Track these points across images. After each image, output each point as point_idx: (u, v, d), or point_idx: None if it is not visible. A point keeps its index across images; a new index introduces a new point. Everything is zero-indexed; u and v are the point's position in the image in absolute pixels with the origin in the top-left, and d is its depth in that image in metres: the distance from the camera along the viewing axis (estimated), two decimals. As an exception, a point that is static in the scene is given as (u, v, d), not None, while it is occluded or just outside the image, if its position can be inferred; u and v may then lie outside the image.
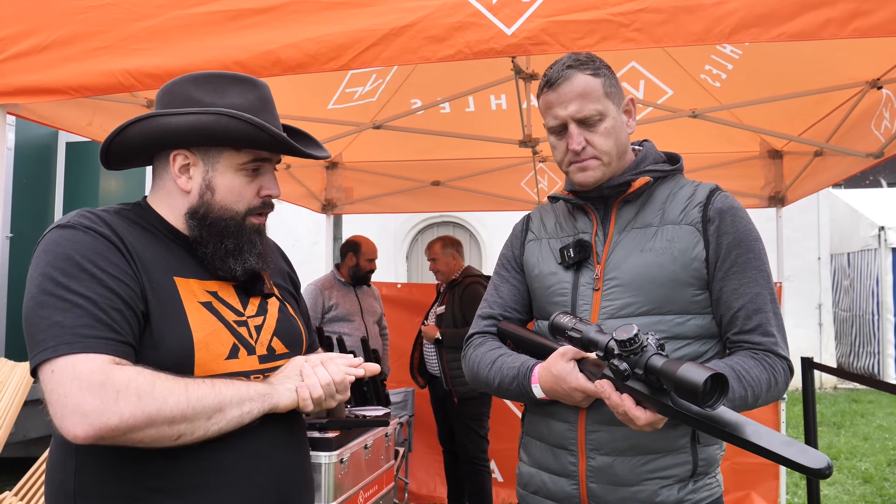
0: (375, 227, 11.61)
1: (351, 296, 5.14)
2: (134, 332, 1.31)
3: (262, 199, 1.52)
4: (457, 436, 4.87)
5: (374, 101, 4.41)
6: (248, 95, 1.48)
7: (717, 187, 1.74)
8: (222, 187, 1.47)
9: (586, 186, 1.75)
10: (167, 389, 1.25)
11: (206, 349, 1.37)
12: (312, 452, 2.86)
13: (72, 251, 1.31)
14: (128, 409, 1.21)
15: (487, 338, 1.88)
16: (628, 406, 1.44)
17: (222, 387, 1.32)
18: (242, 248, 1.48)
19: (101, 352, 1.24)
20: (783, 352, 1.63)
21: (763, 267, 1.66)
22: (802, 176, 4.69)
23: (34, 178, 5.77)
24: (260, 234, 1.53)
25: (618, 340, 1.39)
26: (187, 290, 1.42)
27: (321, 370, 1.43)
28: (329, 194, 5.62)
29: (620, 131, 1.72)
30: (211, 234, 1.47)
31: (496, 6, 2.04)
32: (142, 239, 1.43)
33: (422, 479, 5.57)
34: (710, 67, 3.94)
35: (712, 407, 1.29)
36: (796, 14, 1.93)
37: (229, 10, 2.19)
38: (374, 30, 2.11)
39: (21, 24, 2.32)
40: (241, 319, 1.48)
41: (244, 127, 1.41)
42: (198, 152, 1.46)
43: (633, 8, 1.97)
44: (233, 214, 1.48)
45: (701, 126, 4.21)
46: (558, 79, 1.70)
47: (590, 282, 1.72)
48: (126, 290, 1.31)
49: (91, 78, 2.29)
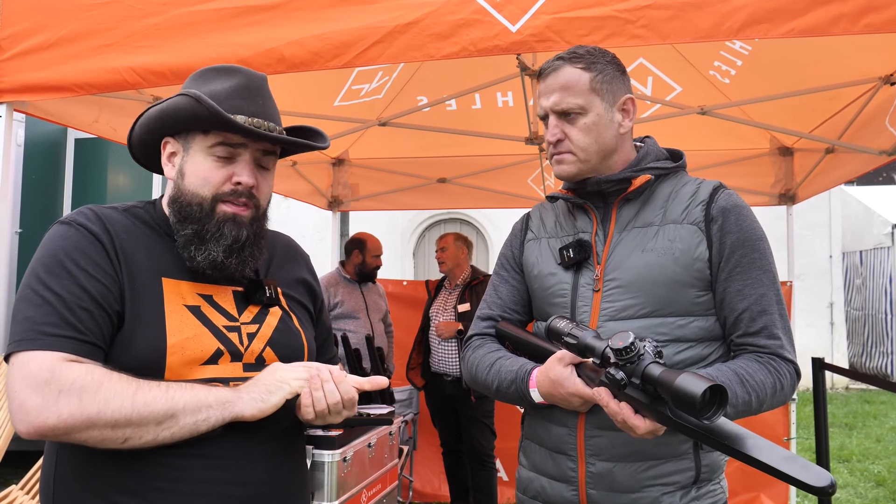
0: (383, 223, 11.61)
1: (356, 293, 5.13)
2: (103, 331, 1.31)
3: (232, 185, 1.45)
4: (466, 434, 4.85)
5: (380, 97, 4.40)
6: (229, 82, 1.46)
7: (720, 185, 1.70)
8: (190, 171, 1.44)
9: (563, 179, 1.74)
10: (113, 392, 1.24)
11: (179, 353, 1.35)
12: (315, 451, 2.86)
13: (58, 248, 1.34)
14: (67, 409, 1.21)
15: (486, 339, 1.85)
16: (627, 415, 1.41)
17: (177, 392, 1.29)
18: (205, 236, 1.42)
19: (57, 349, 1.25)
20: (789, 355, 1.60)
21: (768, 267, 1.62)
22: (814, 173, 4.64)
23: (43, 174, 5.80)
24: (234, 224, 1.44)
25: (613, 349, 1.36)
26: (174, 293, 1.40)
27: (331, 387, 1.37)
28: (335, 191, 5.61)
29: (604, 129, 1.68)
30: (179, 219, 1.44)
31: (501, 3, 2.03)
32: (141, 238, 1.42)
33: (426, 477, 5.56)
34: (720, 64, 3.91)
35: (710, 420, 1.26)
36: (807, 9, 1.91)
37: (234, 7, 2.20)
38: (378, 27, 2.11)
39: (27, 21, 2.33)
40: (234, 325, 1.45)
41: (191, 104, 1.38)
42: (179, 139, 1.46)
43: (640, 4, 1.96)
44: (199, 199, 1.43)
45: (710, 123, 4.18)
46: (547, 69, 1.69)
47: (590, 282, 1.68)
48: (101, 290, 1.32)
49: (96, 75, 2.30)
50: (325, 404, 1.36)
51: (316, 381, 1.37)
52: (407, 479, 5.16)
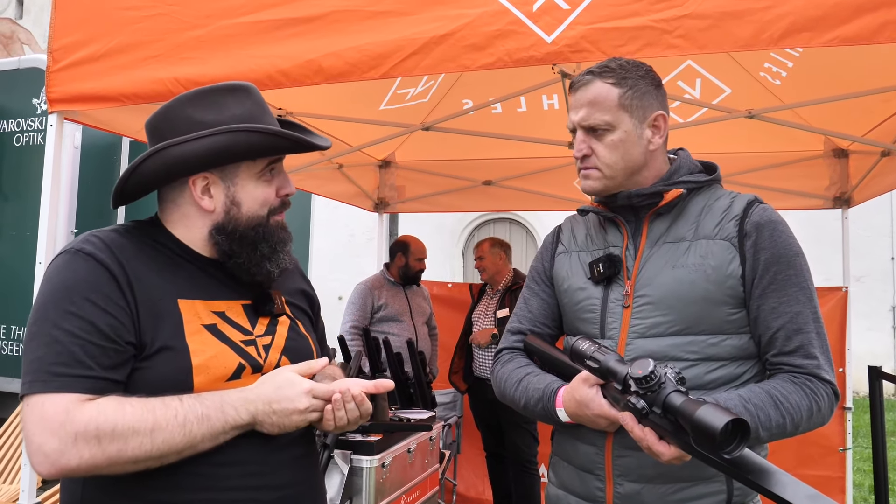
0: (431, 223, 11.66)
1: (400, 295, 5.15)
2: (116, 365, 1.32)
3: (280, 198, 1.54)
4: (509, 439, 4.83)
5: (426, 101, 4.42)
6: (245, 104, 1.49)
7: (755, 199, 1.65)
8: (247, 199, 1.49)
9: (589, 195, 1.73)
10: (131, 430, 1.26)
11: (205, 373, 1.38)
12: (353, 456, 2.89)
13: (66, 282, 1.34)
14: (87, 451, 1.24)
15: (516, 354, 1.85)
16: (651, 441, 1.39)
17: (195, 426, 1.30)
18: (276, 248, 1.51)
19: (70, 390, 1.26)
20: (827, 375, 1.55)
21: (805, 284, 1.58)
22: (870, 176, 4.49)
23: (99, 176, 5.96)
24: (285, 231, 1.56)
25: (633, 378, 1.34)
26: (191, 314, 1.42)
27: (352, 406, 1.41)
28: (382, 193, 5.64)
29: (632, 146, 1.65)
30: (243, 245, 1.48)
31: (536, 14, 2.02)
32: (149, 261, 1.43)
33: (470, 481, 5.55)
34: (770, 65, 3.81)
35: (730, 454, 1.23)
36: (852, 17, 1.85)
37: (274, 20, 2.24)
38: (414, 38, 2.12)
39: (77, 33, 2.42)
40: (250, 339, 1.48)
41: (263, 138, 1.43)
42: (216, 171, 1.47)
43: (677, 14, 1.93)
44: (259, 220, 1.50)
45: (761, 124, 4.07)
46: (577, 83, 1.68)
47: (619, 298, 1.66)
48: (111, 322, 1.32)
49: (142, 86, 2.37)
50: (345, 421, 1.42)
51: (339, 404, 1.41)
52: (451, 482, 5.17)
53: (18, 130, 5.41)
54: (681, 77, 4.04)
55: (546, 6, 2.02)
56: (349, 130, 4.54)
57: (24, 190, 5.47)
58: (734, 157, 4.70)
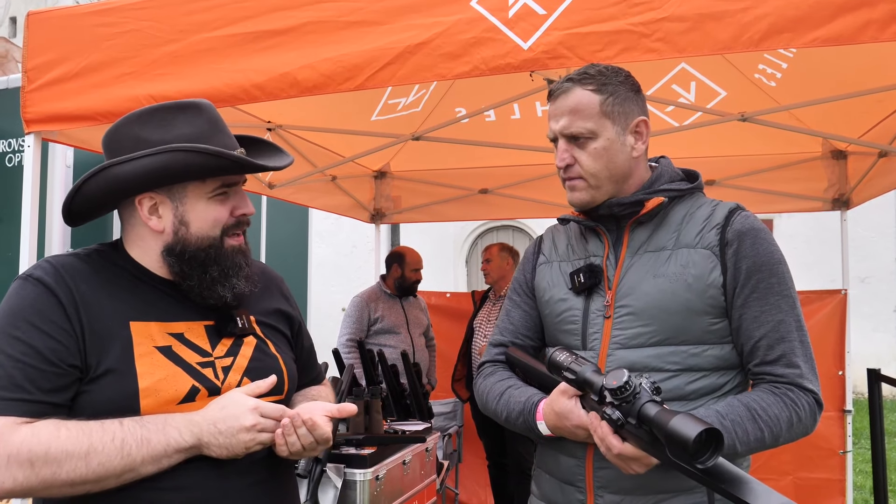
0: (434, 232, 11.63)
1: (397, 307, 5.11)
2: (56, 388, 1.31)
3: (236, 218, 1.50)
4: (510, 447, 4.79)
5: (418, 111, 4.39)
6: (195, 122, 1.45)
7: (737, 206, 1.62)
8: (196, 219, 1.45)
9: (577, 207, 1.68)
10: (64, 454, 1.24)
11: (153, 396, 1.35)
12: (347, 469, 2.84)
13: (13, 308, 1.35)
14: (21, 473, 1.23)
15: (498, 367, 1.82)
16: (604, 432, 1.39)
17: (133, 448, 1.28)
18: (228, 273, 1.47)
19: (6, 413, 1.26)
20: (809, 384, 1.51)
21: (787, 292, 1.54)
22: (868, 177, 4.44)
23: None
24: (244, 255, 1.51)
25: (608, 389, 1.32)
26: (143, 336, 1.39)
27: (303, 431, 1.39)
28: (378, 204, 5.61)
29: (616, 154, 1.62)
30: (193, 266, 1.45)
31: (512, 20, 1.99)
32: (103, 285, 1.41)
33: (472, 489, 5.51)
34: (764, 67, 3.77)
35: (703, 464, 1.21)
36: (832, 17, 1.81)
37: (247, 32, 2.21)
38: (389, 48, 2.09)
39: (51, 52, 2.40)
40: (208, 360, 1.45)
41: (202, 158, 1.39)
42: (162, 191, 1.44)
43: (655, 17, 1.89)
44: (211, 241, 1.46)
45: (757, 126, 4.03)
46: (557, 90, 1.64)
47: (600, 309, 1.63)
48: (53, 346, 1.31)
49: (118, 103, 2.34)
50: (299, 447, 1.39)
51: (289, 429, 1.38)
52: (452, 491, 5.12)
53: (10, 151, 5.37)
54: (675, 80, 3.99)
55: (522, 12, 1.98)
56: (341, 142, 4.51)
57: (18, 211, 5.44)
58: (731, 160, 4.66)
